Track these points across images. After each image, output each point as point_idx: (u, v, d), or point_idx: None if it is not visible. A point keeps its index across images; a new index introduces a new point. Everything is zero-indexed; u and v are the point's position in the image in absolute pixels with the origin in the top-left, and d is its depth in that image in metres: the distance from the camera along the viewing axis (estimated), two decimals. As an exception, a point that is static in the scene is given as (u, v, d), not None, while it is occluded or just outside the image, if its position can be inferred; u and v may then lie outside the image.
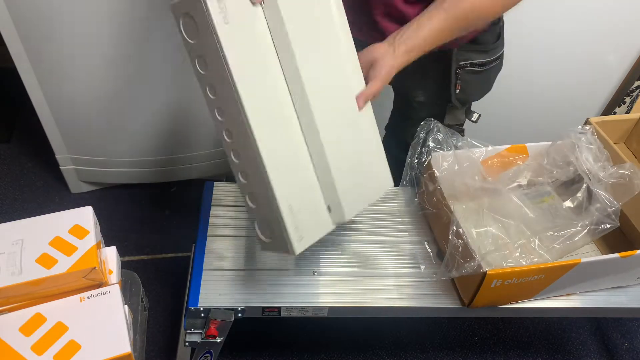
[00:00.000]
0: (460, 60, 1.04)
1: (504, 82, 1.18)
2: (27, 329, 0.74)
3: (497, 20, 1.02)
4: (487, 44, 1.04)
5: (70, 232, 0.80)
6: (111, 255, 0.87)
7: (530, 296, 0.96)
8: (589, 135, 1.06)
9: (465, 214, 1.00)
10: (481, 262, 0.86)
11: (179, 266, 1.51)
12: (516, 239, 0.97)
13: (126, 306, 0.80)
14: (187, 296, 0.95)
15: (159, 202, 1.72)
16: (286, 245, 0.79)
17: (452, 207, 0.95)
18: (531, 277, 0.89)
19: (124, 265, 0.90)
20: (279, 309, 0.94)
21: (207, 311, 0.92)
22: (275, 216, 0.77)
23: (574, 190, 1.05)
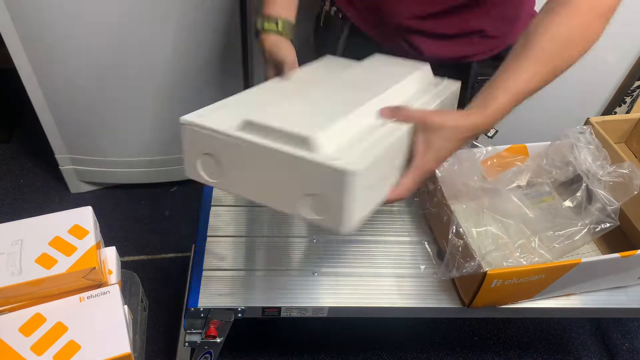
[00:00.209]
0: (478, 74, 1.01)
1: (504, 82, 1.17)
2: (27, 329, 0.74)
3: None
4: None
5: (70, 232, 0.80)
6: (111, 255, 0.87)
7: (530, 296, 0.96)
8: (588, 134, 1.06)
9: (465, 214, 1.00)
10: (481, 262, 0.86)
11: (179, 266, 1.51)
12: (516, 238, 0.96)
13: (126, 306, 0.80)
14: (187, 296, 0.95)
15: (159, 202, 1.72)
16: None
17: (452, 207, 0.95)
18: (531, 277, 0.89)
19: (124, 265, 0.90)
20: (279, 309, 0.94)
21: (207, 311, 0.92)
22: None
23: (573, 190, 1.05)
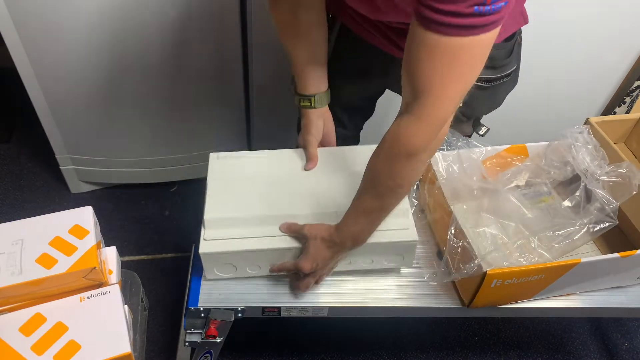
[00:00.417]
0: None
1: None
2: (27, 329, 0.74)
3: (510, 36, 0.98)
4: (496, 60, 0.99)
5: (70, 232, 0.80)
6: (111, 255, 0.87)
7: (530, 296, 0.96)
8: (586, 134, 1.06)
9: (465, 214, 1.00)
10: (481, 262, 0.86)
11: (179, 266, 1.51)
12: (515, 239, 0.96)
13: (126, 306, 0.80)
14: (187, 296, 0.95)
15: (159, 202, 1.72)
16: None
17: (452, 207, 0.95)
18: (531, 277, 0.89)
19: (124, 265, 0.91)
20: (279, 309, 0.94)
21: (207, 311, 0.92)
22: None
23: (572, 189, 1.05)
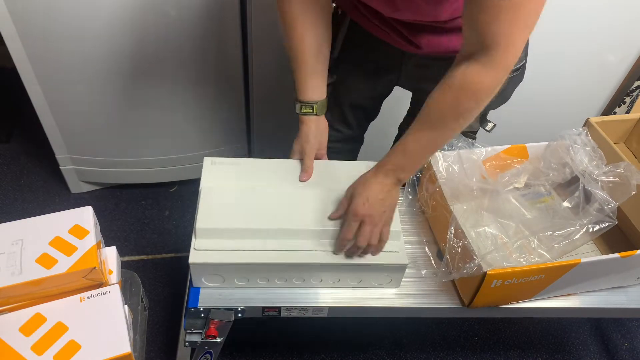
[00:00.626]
0: None
1: (503, 82, 1.17)
2: (27, 329, 0.74)
3: None
4: None
5: (70, 232, 0.80)
6: (111, 255, 0.87)
7: (530, 296, 0.96)
8: (584, 136, 1.06)
9: (465, 214, 1.00)
10: (481, 262, 0.86)
11: (179, 266, 1.51)
12: (515, 239, 0.96)
13: (126, 306, 0.80)
14: (187, 296, 0.95)
15: (159, 202, 1.72)
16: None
17: (452, 207, 0.95)
18: (531, 277, 0.89)
19: (124, 265, 0.91)
20: (279, 309, 0.94)
21: (207, 311, 0.91)
22: None
23: (571, 190, 1.05)
